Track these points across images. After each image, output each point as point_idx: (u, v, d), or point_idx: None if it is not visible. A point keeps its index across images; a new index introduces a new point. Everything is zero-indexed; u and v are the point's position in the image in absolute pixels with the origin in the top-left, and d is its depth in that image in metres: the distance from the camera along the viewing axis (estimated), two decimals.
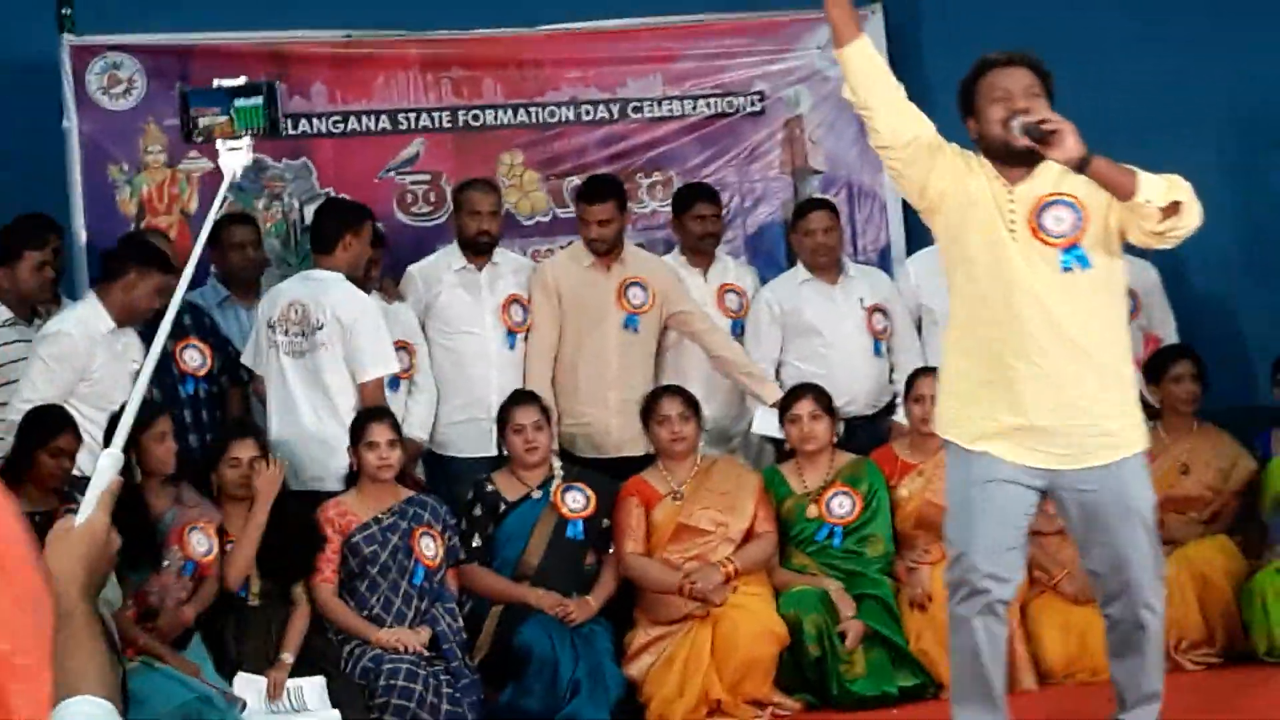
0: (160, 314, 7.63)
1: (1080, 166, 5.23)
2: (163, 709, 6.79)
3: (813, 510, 7.88)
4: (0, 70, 8.90)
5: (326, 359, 7.66)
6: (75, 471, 7.03)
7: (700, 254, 8.70)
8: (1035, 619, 7.66)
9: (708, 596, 7.55)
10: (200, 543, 7.24)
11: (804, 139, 9.32)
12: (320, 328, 7.66)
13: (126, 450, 6.68)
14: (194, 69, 8.80)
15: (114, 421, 5.61)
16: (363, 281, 7.92)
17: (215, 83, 6.05)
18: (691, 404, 7.91)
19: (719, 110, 9.30)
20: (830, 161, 9.24)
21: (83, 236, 8.65)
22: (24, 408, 7.23)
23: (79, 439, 7.07)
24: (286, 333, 7.71)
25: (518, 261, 8.58)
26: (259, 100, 4.80)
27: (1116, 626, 5.62)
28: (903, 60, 8.23)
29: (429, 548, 7.53)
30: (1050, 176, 5.45)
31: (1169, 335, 8.73)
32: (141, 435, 7.22)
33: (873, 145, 5.71)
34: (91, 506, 2.82)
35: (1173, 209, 5.22)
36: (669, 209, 8.90)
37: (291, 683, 7.18)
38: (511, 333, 8.30)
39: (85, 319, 7.49)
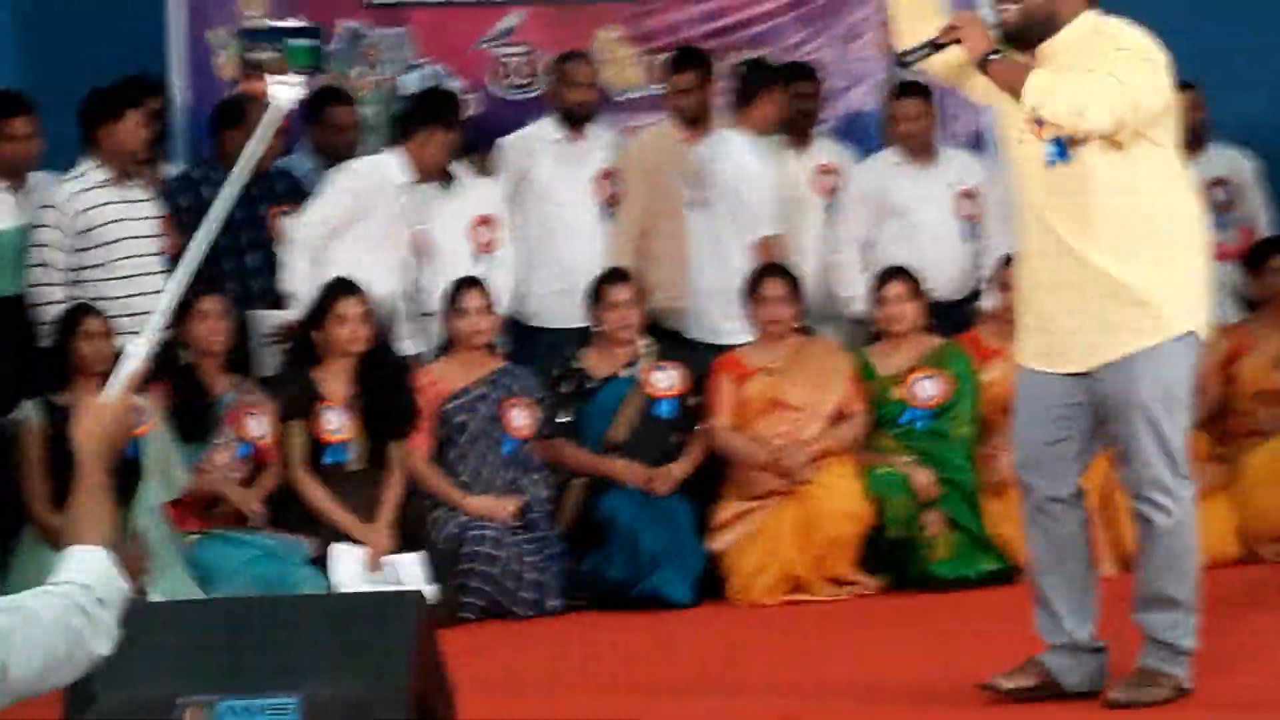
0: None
1: (981, 65, 5.30)
2: (231, 571, 6.91)
3: (897, 392, 7.90)
4: None
5: None
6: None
7: (797, 132, 8.68)
8: (1115, 504, 7.67)
9: (783, 464, 7.59)
10: (257, 426, 7.32)
11: None
12: None
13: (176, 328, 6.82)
14: None
15: None
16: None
17: (268, 23, 6.25)
18: (793, 284, 7.92)
19: None
20: None
21: (180, 99, 8.70)
22: (305, 232, 7.72)
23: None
24: None
25: (611, 136, 8.61)
26: (312, 41, 4.96)
27: (1134, 521, 5.61)
28: None
29: (519, 418, 7.60)
30: (1049, 65, 5.35)
31: (1263, 226, 8.67)
32: (186, 315, 7.32)
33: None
34: (116, 387, 3.34)
35: (1035, 117, 5.24)
36: None
37: (391, 558, 7.26)
38: (605, 205, 8.35)
39: (381, 165, 7.87)
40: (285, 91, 4.22)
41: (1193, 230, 5.51)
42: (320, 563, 7.18)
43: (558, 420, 7.77)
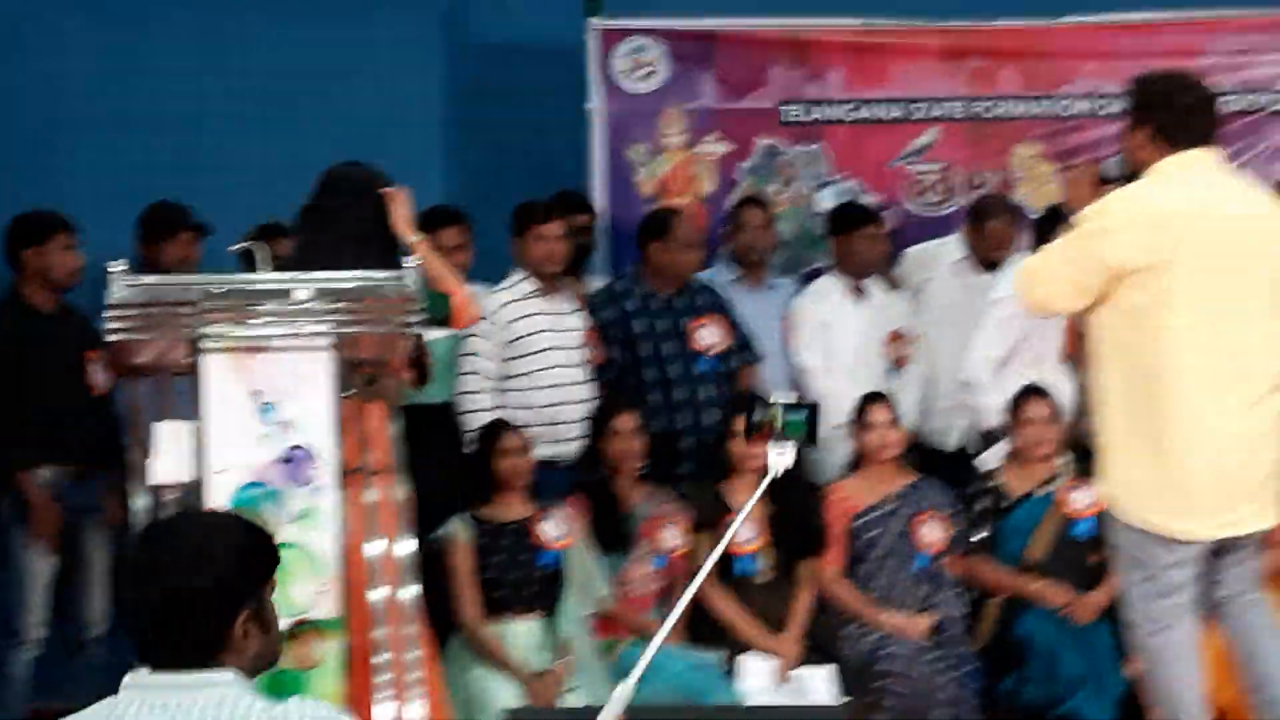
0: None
1: None
2: (660, 682, 6.96)
3: None
4: (529, 52, 9.23)
5: None
6: None
7: None
8: None
9: None
10: (671, 537, 7.39)
11: None
12: None
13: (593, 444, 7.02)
14: (718, 54, 9.01)
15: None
16: None
17: (777, 396, 6.82)
18: None
19: (1242, 107, 9.08)
20: None
21: (602, 215, 8.90)
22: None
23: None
24: None
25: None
26: (804, 415, 5.49)
27: None
28: None
29: (931, 533, 7.56)
30: None
31: None
32: (604, 431, 7.44)
33: None
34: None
35: None
36: None
37: (800, 670, 7.27)
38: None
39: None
40: (779, 458, 5.23)
41: None
42: (728, 674, 7.21)
43: (972, 538, 7.70)
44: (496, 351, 7.67)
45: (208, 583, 3.08)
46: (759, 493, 4.80)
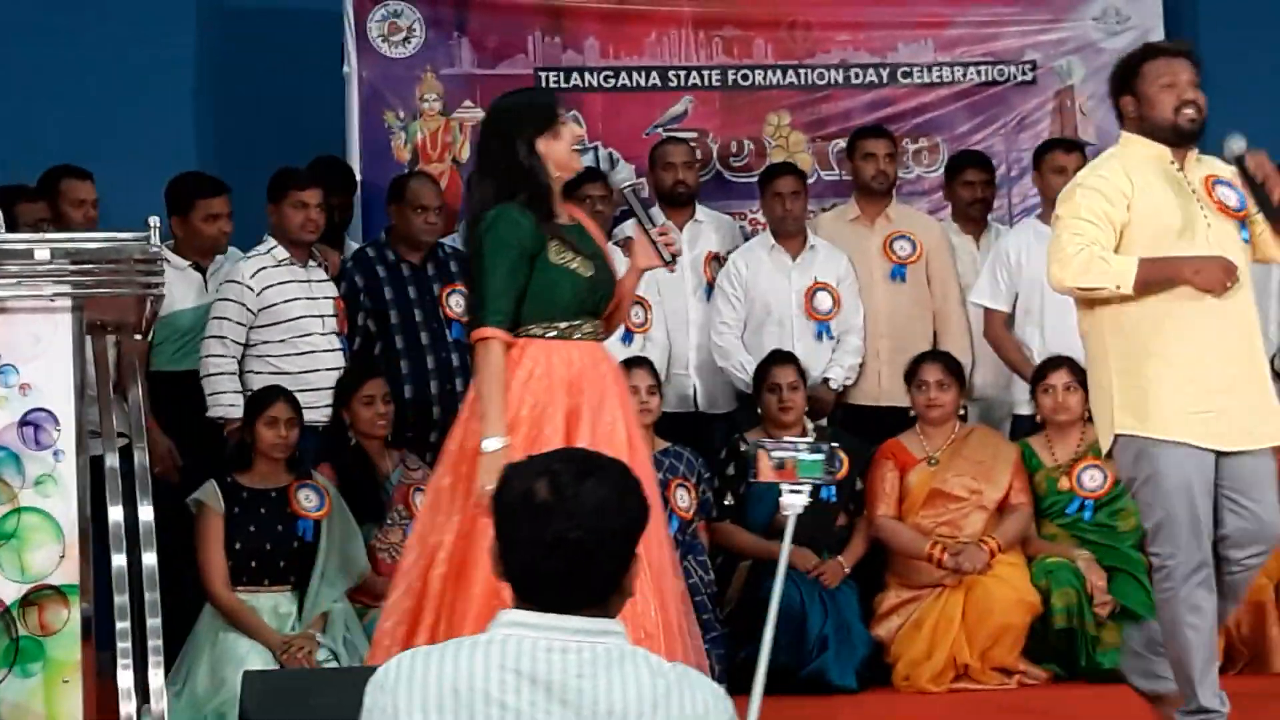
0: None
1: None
2: None
3: (1064, 483, 7.86)
4: (285, 16, 9.17)
5: None
6: None
7: (970, 220, 8.71)
8: None
9: (962, 566, 7.58)
10: (422, 503, 7.39)
11: (1074, 110, 9.27)
12: None
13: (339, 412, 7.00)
14: (470, 19, 9.01)
15: None
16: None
17: (791, 438, 6.91)
18: (953, 370, 7.92)
19: (989, 78, 9.26)
20: (1100, 134, 9.12)
21: (358, 181, 8.85)
22: None
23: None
24: None
25: (718, 219, 8.71)
26: (820, 457, 5.61)
27: None
28: (1182, 32, 8.20)
29: (683, 499, 7.62)
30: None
31: None
32: (350, 398, 7.43)
33: None
34: None
35: None
36: (934, 175, 8.95)
37: None
38: (709, 285, 8.44)
39: None
40: (795, 499, 5.41)
41: None
42: None
43: (725, 503, 7.79)
44: (247, 319, 7.60)
45: (623, 526, 2.95)
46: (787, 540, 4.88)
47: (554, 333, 5.56)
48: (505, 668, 2.87)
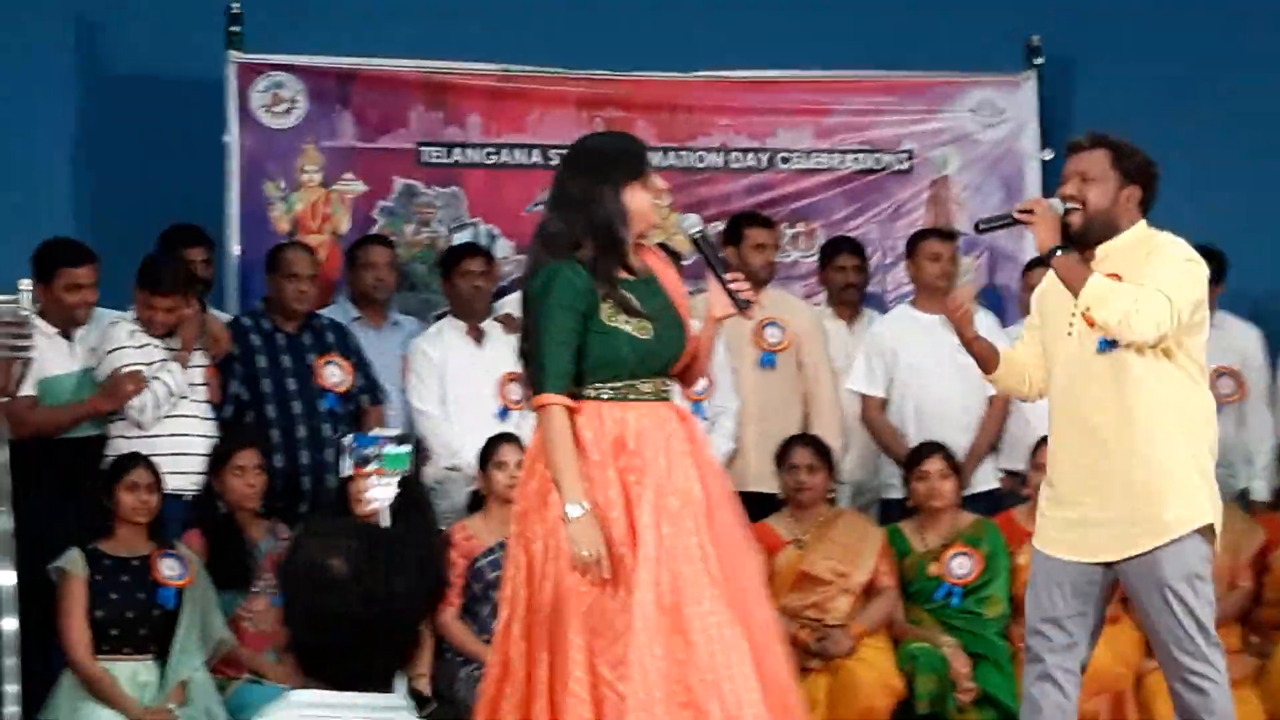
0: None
1: (1045, 258, 5.59)
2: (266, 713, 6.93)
3: (933, 569, 7.91)
4: (166, 84, 9.12)
5: None
6: None
7: (844, 305, 8.81)
8: (1148, 689, 7.66)
9: (827, 650, 7.60)
10: None
11: (950, 200, 9.39)
12: None
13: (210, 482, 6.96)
14: (354, 92, 9.02)
15: None
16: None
17: (377, 431, 6.93)
18: (822, 454, 7.97)
19: (866, 166, 9.38)
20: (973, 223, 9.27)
21: (236, 250, 8.84)
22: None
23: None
24: None
25: None
26: (408, 449, 5.61)
27: (1177, 703, 5.67)
28: (1056, 127, 8.32)
29: None
30: (1104, 265, 5.59)
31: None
32: (222, 468, 7.42)
33: None
34: None
35: (1088, 321, 5.50)
36: (811, 259, 9.03)
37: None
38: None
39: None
40: (385, 491, 5.70)
41: (1211, 424, 5.68)
42: None
43: None
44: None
45: (414, 608, 2.95)
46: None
47: (608, 394, 5.35)
48: None
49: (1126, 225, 5.61)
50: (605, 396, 5.33)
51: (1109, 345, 5.53)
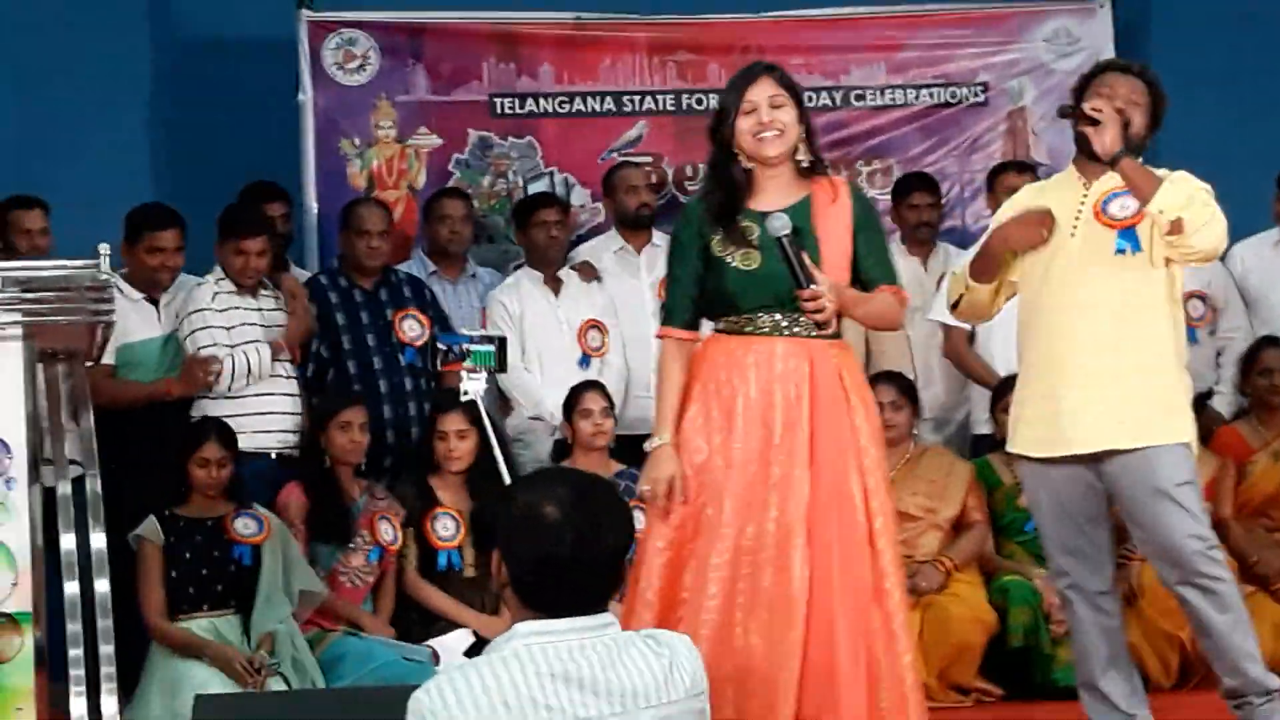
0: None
1: (1111, 162, 5.51)
2: (364, 669, 6.98)
3: (1022, 501, 7.88)
4: (239, 45, 9.18)
5: None
6: None
7: (918, 243, 8.74)
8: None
9: (919, 586, 7.59)
10: (387, 531, 7.40)
11: (1026, 131, 9.33)
12: None
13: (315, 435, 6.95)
14: (425, 46, 9.04)
15: None
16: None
17: (465, 331, 7.02)
18: (906, 391, 7.94)
19: (941, 100, 9.33)
20: (1052, 155, 9.19)
21: (314, 208, 8.88)
22: None
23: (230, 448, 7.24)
24: None
25: None
26: (492, 348, 5.78)
27: (1189, 610, 5.65)
28: (1132, 54, 8.24)
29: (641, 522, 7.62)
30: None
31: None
32: (327, 423, 7.44)
33: None
34: None
35: (1177, 227, 5.41)
36: (887, 197, 8.95)
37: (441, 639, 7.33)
38: None
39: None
40: (475, 384, 5.98)
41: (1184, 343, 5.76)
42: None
43: None
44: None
45: (625, 539, 3.41)
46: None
47: (723, 326, 5.31)
48: (542, 674, 3.29)
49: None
50: (721, 329, 5.34)
51: (1135, 247, 5.55)
